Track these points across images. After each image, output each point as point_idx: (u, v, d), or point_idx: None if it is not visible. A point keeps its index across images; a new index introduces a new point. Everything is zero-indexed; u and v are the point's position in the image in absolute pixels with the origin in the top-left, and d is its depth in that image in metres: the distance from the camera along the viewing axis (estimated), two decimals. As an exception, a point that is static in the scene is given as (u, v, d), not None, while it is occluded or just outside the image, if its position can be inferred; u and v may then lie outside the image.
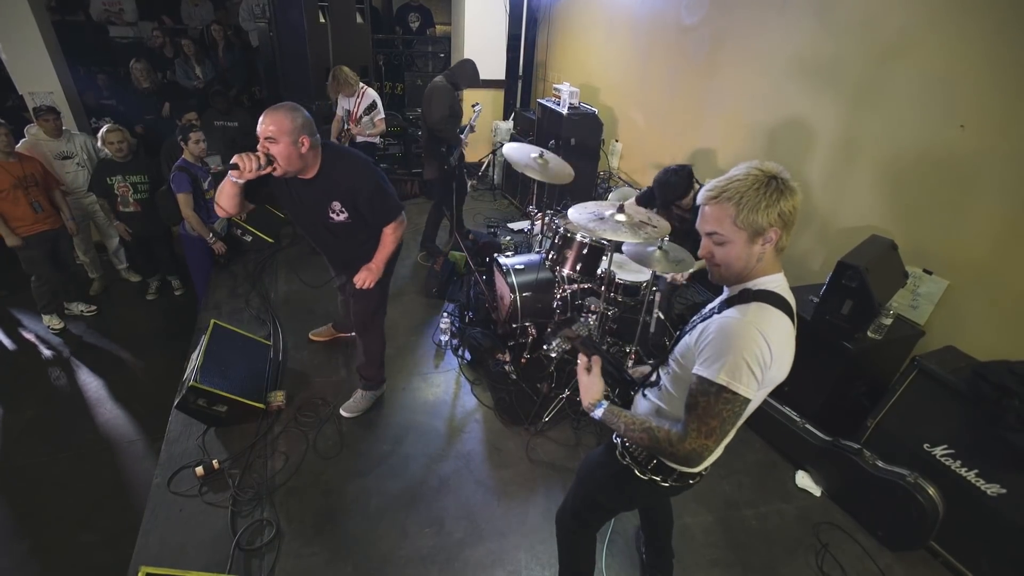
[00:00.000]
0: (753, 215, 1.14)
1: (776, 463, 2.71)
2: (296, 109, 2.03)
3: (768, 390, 1.27)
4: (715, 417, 1.16)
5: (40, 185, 3.70)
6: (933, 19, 2.46)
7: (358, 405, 2.84)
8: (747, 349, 1.13)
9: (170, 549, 2.12)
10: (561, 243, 3.00)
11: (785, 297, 1.22)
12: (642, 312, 2.85)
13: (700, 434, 1.18)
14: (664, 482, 1.44)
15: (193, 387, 2.46)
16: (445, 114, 3.80)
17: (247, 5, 6.21)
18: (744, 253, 1.19)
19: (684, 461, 1.23)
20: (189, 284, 4.45)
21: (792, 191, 1.16)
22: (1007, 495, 2.02)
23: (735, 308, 1.20)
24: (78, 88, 4.98)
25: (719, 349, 1.16)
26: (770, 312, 1.17)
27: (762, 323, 1.15)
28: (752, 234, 1.17)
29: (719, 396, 1.15)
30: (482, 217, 5.28)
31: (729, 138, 3.73)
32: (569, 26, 5.76)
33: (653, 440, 1.25)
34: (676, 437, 1.21)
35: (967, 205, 2.41)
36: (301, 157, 2.05)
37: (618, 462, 1.50)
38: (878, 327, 2.47)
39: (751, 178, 1.16)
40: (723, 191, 1.18)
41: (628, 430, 1.31)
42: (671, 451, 1.22)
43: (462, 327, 3.50)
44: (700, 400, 1.17)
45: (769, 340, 1.14)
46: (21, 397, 3.53)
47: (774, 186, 1.14)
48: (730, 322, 1.17)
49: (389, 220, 2.32)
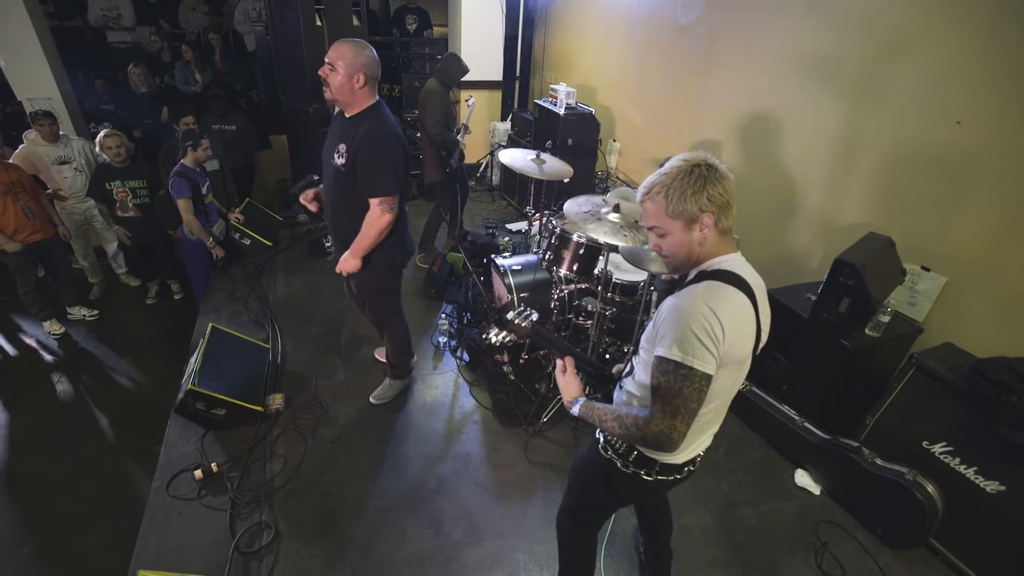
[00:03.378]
0: (682, 204, 1.21)
1: (775, 462, 2.70)
2: (364, 47, 2.12)
3: (737, 368, 1.28)
4: (676, 395, 1.18)
5: (28, 191, 3.66)
6: (929, 16, 2.45)
7: (385, 393, 2.93)
8: (695, 322, 1.16)
9: (169, 552, 2.13)
10: (558, 243, 3.00)
11: (738, 274, 1.24)
12: (640, 311, 2.85)
13: (665, 415, 1.20)
14: (648, 476, 1.45)
15: (191, 390, 2.46)
16: (440, 119, 3.80)
17: (243, 8, 6.22)
18: (684, 240, 1.25)
19: (655, 444, 1.24)
20: (188, 288, 4.46)
21: (719, 176, 1.21)
22: (1006, 492, 2.01)
23: (688, 287, 1.25)
24: (76, 93, 4.98)
25: (669, 326, 1.19)
26: (719, 287, 1.21)
27: (709, 297, 1.18)
28: (686, 222, 1.23)
29: (676, 373, 1.17)
30: (480, 218, 5.28)
31: (726, 136, 3.73)
32: (566, 26, 5.76)
33: (623, 427, 1.28)
34: (643, 420, 1.24)
35: (964, 201, 2.40)
36: (352, 91, 2.13)
37: (602, 456, 1.52)
38: (876, 325, 2.46)
39: (675, 170, 1.22)
40: (653, 186, 1.25)
41: (602, 422, 1.35)
42: (640, 435, 1.25)
43: (460, 328, 3.50)
44: (661, 380, 1.20)
45: (718, 312, 1.16)
46: (22, 402, 3.53)
47: (697, 173, 1.20)
48: (679, 300, 1.21)
49: (373, 192, 2.19)
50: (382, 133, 2.17)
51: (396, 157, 2.20)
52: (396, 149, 2.20)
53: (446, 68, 3.87)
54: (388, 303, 2.67)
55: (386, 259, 2.42)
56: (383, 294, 2.59)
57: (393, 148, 2.19)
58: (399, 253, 2.47)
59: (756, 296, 1.26)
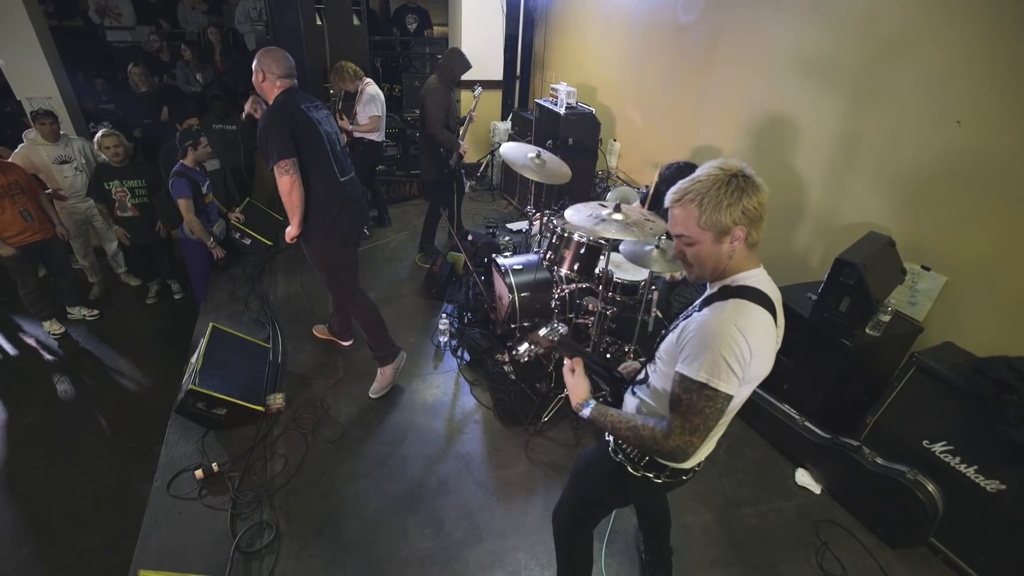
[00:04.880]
0: (716, 215, 1.16)
1: (776, 461, 2.71)
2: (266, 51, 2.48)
3: (752, 385, 1.28)
4: (698, 414, 1.17)
5: (26, 192, 3.64)
6: (929, 15, 2.45)
7: (382, 384, 2.95)
8: (725, 346, 1.14)
9: (170, 552, 2.13)
10: (559, 243, 3.00)
11: (765, 292, 1.22)
12: (640, 311, 2.85)
13: (684, 431, 1.19)
14: (657, 478, 1.45)
15: (192, 390, 2.46)
16: (441, 118, 3.79)
17: (243, 8, 6.21)
18: (713, 252, 1.21)
19: (670, 457, 1.25)
20: (189, 288, 4.45)
21: (756, 187, 1.17)
22: (1007, 491, 2.01)
23: (713, 306, 1.21)
24: (76, 93, 4.98)
25: (698, 347, 1.17)
26: (748, 308, 1.18)
27: (740, 319, 1.16)
28: (718, 233, 1.18)
29: (700, 393, 1.16)
30: (481, 218, 5.28)
31: (727, 136, 3.73)
32: (566, 26, 5.76)
33: (639, 438, 1.27)
34: (660, 434, 1.23)
35: (965, 201, 2.40)
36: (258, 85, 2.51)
37: (611, 459, 1.51)
38: (876, 324, 2.46)
39: (712, 178, 1.17)
40: (686, 193, 1.19)
41: (615, 429, 1.33)
42: (656, 448, 1.24)
43: (461, 328, 3.50)
44: (683, 397, 1.18)
45: (747, 336, 1.14)
46: (23, 402, 3.53)
47: (735, 184, 1.15)
48: (709, 320, 1.18)
49: (268, 162, 2.43)
50: (269, 110, 2.50)
51: (275, 125, 2.40)
52: (276, 118, 2.42)
53: (448, 64, 3.85)
54: (341, 278, 2.79)
55: (320, 227, 2.58)
56: (332, 268, 2.75)
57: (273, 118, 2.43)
58: (334, 223, 2.60)
59: (776, 311, 1.24)
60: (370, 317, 2.86)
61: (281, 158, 2.38)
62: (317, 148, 2.49)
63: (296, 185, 2.44)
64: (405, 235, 4.84)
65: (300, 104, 2.47)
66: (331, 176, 2.56)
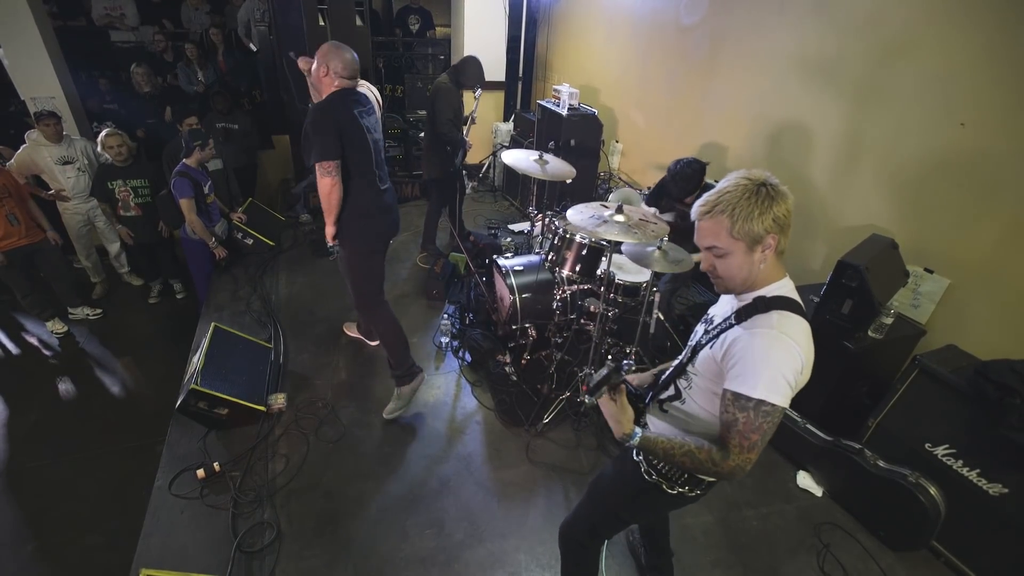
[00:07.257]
0: (748, 224, 1.15)
1: (777, 463, 2.70)
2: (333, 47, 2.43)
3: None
4: (756, 431, 1.16)
5: (14, 196, 3.62)
6: (932, 17, 2.45)
7: (395, 404, 2.84)
8: (783, 361, 1.14)
9: (171, 551, 2.13)
10: (560, 244, 3.00)
11: (798, 301, 1.23)
12: (642, 313, 2.85)
13: (743, 449, 1.18)
14: (691, 492, 1.44)
15: (194, 390, 2.47)
16: (449, 116, 3.80)
17: (244, 17, 6.18)
18: (746, 262, 1.20)
19: (729, 476, 1.23)
20: (191, 287, 4.47)
21: (783, 195, 1.17)
22: (1009, 495, 2.01)
23: (758, 319, 1.20)
24: (80, 93, 4.99)
25: (754, 363, 1.16)
26: (794, 320, 1.18)
27: (792, 333, 1.16)
28: (750, 243, 1.18)
29: (758, 411, 1.15)
30: (483, 218, 5.28)
31: (730, 138, 3.73)
32: (569, 27, 5.76)
33: (696, 462, 1.24)
34: (719, 456, 1.21)
35: (968, 203, 2.40)
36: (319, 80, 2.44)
37: (644, 480, 1.48)
38: (879, 326, 2.46)
39: (741, 188, 1.17)
40: (715, 204, 1.19)
41: (668, 455, 1.28)
42: (716, 470, 1.22)
43: (462, 329, 3.50)
44: (739, 416, 1.17)
45: (801, 348, 1.16)
46: (25, 401, 3.54)
47: (764, 193, 1.15)
48: (759, 335, 1.17)
49: (308, 158, 2.39)
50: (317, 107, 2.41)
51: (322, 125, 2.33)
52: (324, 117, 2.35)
53: (463, 68, 3.86)
54: (365, 286, 2.72)
55: (353, 231, 2.54)
56: (359, 275, 2.68)
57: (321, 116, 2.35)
58: (364, 229, 2.56)
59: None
60: (391, 331, 2.78)
61: (324, 159, 2.31)
62: (363, 154, 2.43)
63: (336, 188, 2.37)
64: (407, 236, 4.84)
65: (353, 108, 2.40)
66: (372, 183, 2.51)
